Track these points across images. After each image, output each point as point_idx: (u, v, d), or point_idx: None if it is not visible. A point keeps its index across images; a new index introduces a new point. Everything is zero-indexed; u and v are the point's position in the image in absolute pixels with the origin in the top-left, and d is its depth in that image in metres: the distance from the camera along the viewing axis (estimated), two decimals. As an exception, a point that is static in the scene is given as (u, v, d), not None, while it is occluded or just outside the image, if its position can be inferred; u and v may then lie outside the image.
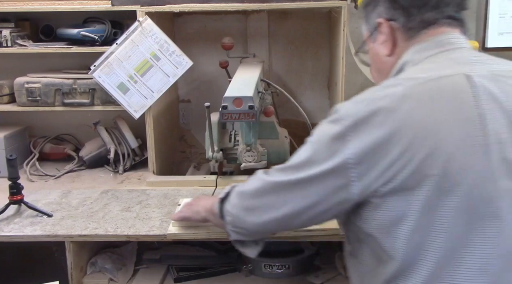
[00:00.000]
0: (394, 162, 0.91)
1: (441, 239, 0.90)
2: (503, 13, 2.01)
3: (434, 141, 0.90)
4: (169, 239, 1.44)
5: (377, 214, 0.95)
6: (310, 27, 2.21)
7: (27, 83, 1.96)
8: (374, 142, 0.92)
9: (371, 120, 0.93)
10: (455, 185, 0.90)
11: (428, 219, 0.91)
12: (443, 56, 1.02)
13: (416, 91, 0.94)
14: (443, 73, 0.97)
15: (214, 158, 1.82)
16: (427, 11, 1.04)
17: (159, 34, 1.86)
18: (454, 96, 0.94)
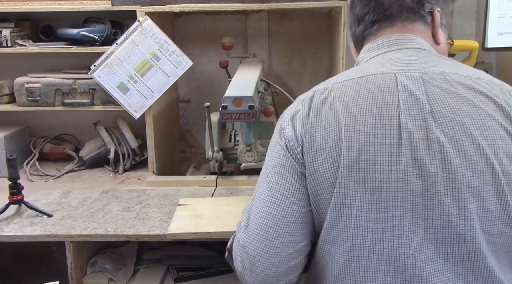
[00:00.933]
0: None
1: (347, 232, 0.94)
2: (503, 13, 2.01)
3: (347, 133, 0.93)
4: (169, 239, 1.44)
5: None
6: (310, 27, 2.21)
7: (27, 83, 1.96)
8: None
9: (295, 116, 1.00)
10: (363, 179, 0.91)
11: (339, 212, 0.94)
12: (385, 56, 1.04)
13: (339, 88, 0.99)
14: (374, 71, 0.99)
15: (214, 158, 1.82)
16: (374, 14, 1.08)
17: (159, 34, 1.86)
18: (376, 94, 0.95)
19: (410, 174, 0.90)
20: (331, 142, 0.94)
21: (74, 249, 1.50)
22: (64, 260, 1.50)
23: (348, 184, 0.92)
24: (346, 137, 0.93)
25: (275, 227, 0.99)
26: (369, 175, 0.91)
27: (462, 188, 0.89)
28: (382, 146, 0.91)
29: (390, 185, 0.91)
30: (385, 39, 1.07)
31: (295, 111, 1.01)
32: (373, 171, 0.91)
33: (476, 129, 0.91)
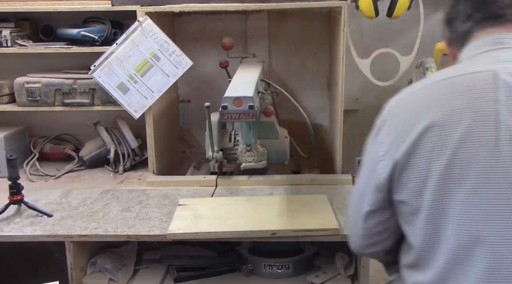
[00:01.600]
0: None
1: (451, 230, 0.94)
2: (503, 13, 2.01)
3: (444, 131, 0.94)
4: (169, 239, 1.44)
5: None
6: (310, 27, 2.21)
7: (27, 83, 1.96)
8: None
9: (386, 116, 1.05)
10: (462, 176, 0.93)
11: (439, 209, 0.95)
12: (488, 54, 1.04)
13: (436, 86, 1.00)
14: (473, 69, 1.00)
15: (214, 158, 1.82)
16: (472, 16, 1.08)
17: (159, 34, 1.86)
18: (473, 91, 0.96)
19: (511, 168, 0.92)
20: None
21: (74, 249, 1.50)
22: (64, 260, 1.50)
23: (446, 182, 0.94)
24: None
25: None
26: (468, 173, 0.93)
27: None
28: (481, 142, 0.93)
29: (492, 182, 0.92)
30: (493, 37, 1.06)
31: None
32: (472, 169, 0.93)
33: None
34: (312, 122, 2.02)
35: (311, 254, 1.64)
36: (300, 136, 2.10)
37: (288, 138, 1.95)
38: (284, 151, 1.89)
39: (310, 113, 2.14)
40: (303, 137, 2.07)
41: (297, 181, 1.85)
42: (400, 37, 2.15)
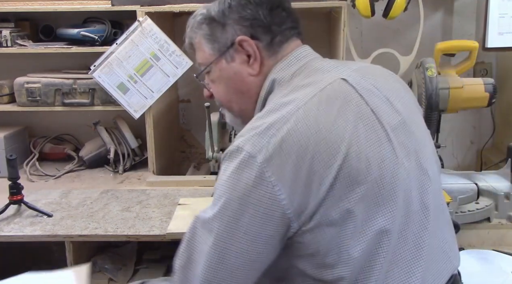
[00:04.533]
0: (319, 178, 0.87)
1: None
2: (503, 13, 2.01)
3: (344, 145, 0.88)
4: (168, 239, 1.44)
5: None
6: (310, 27, 2.20)
7: (27, 83, 1.96)
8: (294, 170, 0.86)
9: (283, 149, 0.87)
10: (365, 178, 0.89)
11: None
12: (307, 69, 1.02)
13: (311, 105, 0.91)
14: (319, 85, 0.95)
15: (214, 158, 1.82)
16: (286, 28, 1.06)
17: (159, 34, 1.86)
18: (345, 100, 0.93)
19: (403, 157, 0.94)
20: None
21: (74, 249, 1.50)
22: (64, 260, 1.50)
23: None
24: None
25: None
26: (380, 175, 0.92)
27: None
28: (379, 142, 0.93)
29: (394, 174, 0.93)
30: (303, 49, 1.11)
31: None
32: (383, 170, 0.92)
33: None
34: (312, 122, 2.02)
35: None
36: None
37: (288, 138, 1.94)
38: (284, 151, 1.89)
39: (310, 113, 2.14)
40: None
41: (297, 181, 1.85)
42: (400, 37, 2.15)
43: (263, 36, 1.03)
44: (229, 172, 0.88)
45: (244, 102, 1.07)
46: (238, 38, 1.03)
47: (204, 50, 1.10)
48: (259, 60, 1.03)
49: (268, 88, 1.03)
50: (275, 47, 1.04)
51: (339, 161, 0.87)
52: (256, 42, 1.03)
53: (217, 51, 1.06)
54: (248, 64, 1.04)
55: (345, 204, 0.87)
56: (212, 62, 1.08)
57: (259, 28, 1.03)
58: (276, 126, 0.89)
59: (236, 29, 1.04)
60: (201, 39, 1.11)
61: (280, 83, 1.01)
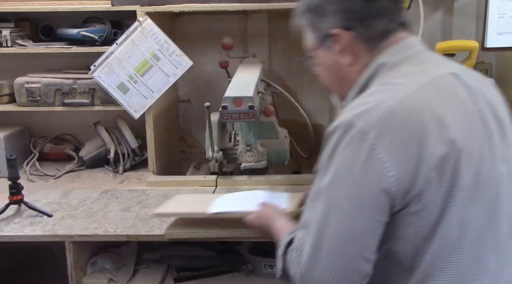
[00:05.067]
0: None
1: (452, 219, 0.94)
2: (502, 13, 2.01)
3: (453, 134, 0.93)
4: (167, 239, 1.44)
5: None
6: (310, 27, 2.20)
7: (27, 83, 1.96)
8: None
9: (395, 127, 0.92)
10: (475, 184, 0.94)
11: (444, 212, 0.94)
12: (417, 58, 1.05)
13: (422, 91, 0.96)
14: (431, 75, 1.00)
15: (214, 158, 1.82)
16: (383, 19, 1.06)
17: (159, 34, 1.86)
18: (454, 93, 0.98)
19: (499, 161, 0.99)
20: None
21: (74, 249, 1.50)
22: (64, 260, 1.50)
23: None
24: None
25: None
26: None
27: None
28: (481, 141, 0.98)
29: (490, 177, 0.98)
30: (410, 40, 1.10)
31: None
32: (479, 169, 0.96)
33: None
34: (312, 122, 2.02)
35: (311, 254, 1.64)
36: (300, 136, 2.10)
37: (288, 138, 1.94)
38: (284, 151, 1.89)
39: (310, 113, 2.14)
40: (303, 137, 2.07)
41: (297, 181, 1.85)
42: (400, 37, 2.14)
43: (358, 28, 1.05)
44: (341, 146, 0.94)
45: (343, 89, 1.12)
46: (333, 30, 1.06)
47: (307, 37, 1.15)
48: (353, 51, 1.07)
49: (372, 72, 1.05)
50: (372, 38, 1.06)
51: (447, 147, 0.92)
52: (351, 34, 1.05)
53: (318, 39, 1.11)
54: (343, 55, 1.08)
55: (449, 190, 0.92)
56: (314, 50, 1.14)
57: (354, 20, 1.05)
58: (388, 103, 0.94)
59: (334, 20, 1.06)
60: (305, 26, 1.14)
61: (387, 67, 1.04)
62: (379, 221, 0.94)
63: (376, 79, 1.04)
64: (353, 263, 0.95)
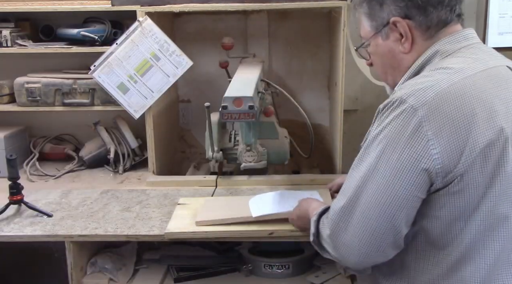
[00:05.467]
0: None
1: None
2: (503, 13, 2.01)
3: (502, 122, 0.97)
4: (167, 238, 1.44)
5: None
6: (310, 27, 2.21)
7: (27, 83, 1.96)
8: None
9: (445, 107, 0.96)
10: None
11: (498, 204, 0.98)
12: (475, 49, 1.08)
13: (479, 77, 1.00)
14: (487, 64, 1.03)
15: (214, 158, 1.82)
16: (442, 9, 1.08)
17: (159, 34, 1.86)
18: (506, 85, 1.02)
19: None
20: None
21: (74, 249, 1.50)
22: (64, 260, 1.50)
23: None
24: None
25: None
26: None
27: None
28: None
29: None
30: (467, 32, 1.13)
31: None
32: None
33: None
34: (312, 122, 2.02)
35: (311, 254, 1.64)
36: (300, 136, 2.10)
37: (288, 138, 1.95)
38: (284, 151, 1.89)
39: (310, 113, 2.14)
40: (303, 137, 2.07)
41: (297, 181, 1.85)
42: (400, 37, 2.14)
43: (417, 17, 1.08)
44: (389, 119, 0.98)
45: (396, 76, 1.15)
46: (392, 18, 1.09)
47: (364, 26, 1.18)
48: (410, 39, 1.09)
49: (428, 57, 1.08)
50: (430, 27, 1.09)
51: (495, 134, 0.95)
52: (409, 22, 1.09)
53: (375, 28, 1.14)
54: (401, 43, 1.11)
55: (492, 176, 0.96)
56: (370, 38, 1.16)
57: (414, 8, 1.08)
58: (442, 84, 0.98)
59: (392, 9, 1.10)
60: (362, 15, 1.18)
61: (442, 55, 1.07)
62: (415, 196, 0.97)
63: (429, 66, 1.07)
64: (384, 231, 0.98)
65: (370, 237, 1.00)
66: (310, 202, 1.31)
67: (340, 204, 1.04)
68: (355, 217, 1.01)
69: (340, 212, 1.03)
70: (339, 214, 1.04)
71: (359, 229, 1.00)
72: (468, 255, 1.00)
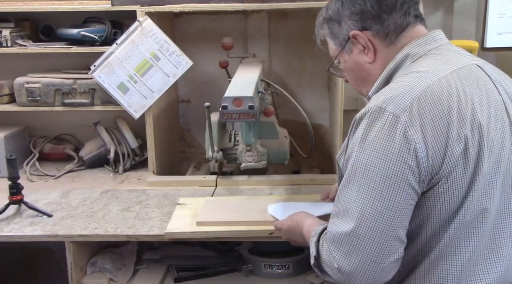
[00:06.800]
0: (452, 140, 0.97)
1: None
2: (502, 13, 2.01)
3: (479, 119, 0.99)
4: (167, 238, 1.44)
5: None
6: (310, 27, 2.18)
7: (27, 83, 1.96)
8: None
9: (425, 110, 0.97)
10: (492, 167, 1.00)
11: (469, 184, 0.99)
12: (445, 50, 1.09)
13: (450, 77, 1.01)
14: (458, 64, 1.05)
15: (214, 158, 1.82)
16: (396, 14, 1.10)
17: (159, 34, 1.86)
18: (480, 83, 1.03)
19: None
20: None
21: (74, 249, 1.50)
22: (64, 260, 1.50)
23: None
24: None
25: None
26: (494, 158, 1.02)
27: None
28: (503, 129, 1.03)
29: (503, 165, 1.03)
30: (433, 34, 1.14)
31: None
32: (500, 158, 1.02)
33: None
34: (312, 122, 2.02)
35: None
36: (300, 136, 2.11)
37: (288, 138, 1.95)
38: (284, 151, 1.89)
39: (310, 113, 2.14)
40: (303, 137, 2.07)
41: (297, 181, 1.85)
42: (400, 37, 2.14)
43: (373, 26, 1.11)
44: (373, 130, 0.98)
45: (368, 85, 1.16)
46: (351, 32, 1.13)
47: (330, 45, 1.23)
48: (372, 49, 1.12)
49: (398, 61, 1.10)
50: (388, 33, 1.11)
51: (473, 130, 0.97)
52: (367, 33, 1.12)
53: (339, 45, 1.19)
54: (365, 53, 1.14)
55: (473, 174, 0.97)
56: (337, 56, 1.21)
57: (368, 19, 1.11)
58: (418, 88, 0.99)
59: (349, 24, 1.13)
60: (326, 36, 1.23)
61: (412, 58, 1.09)
62: (413, 200, 0.98)
63: (400, 70, 1.09)
64: (390, 245, 0.98)
65: (378, 256, 0.98)
66: (305, 216, 1.28)
67: (344, 229, 1.00)
68: (361, 238, 0.98)
69: (346, 237, 0.99)
70: (345, 239, 1.00)
71: (366, 250, 0.98)
72: (445, 252, 1.00)
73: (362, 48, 1.13)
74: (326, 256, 1.04)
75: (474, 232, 1.00)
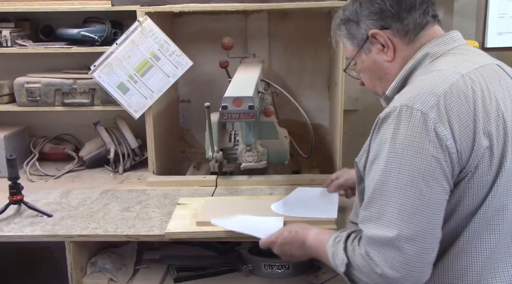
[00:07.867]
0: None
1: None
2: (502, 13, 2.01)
3: (499, 116, 1.01)
4: (167, 238, 1.44)
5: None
6: (310, 27, 2.21)
7: (27, 83, 1.96)
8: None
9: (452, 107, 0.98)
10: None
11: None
12: (464, 49, 1.11)
13: (474, 75, 1.02)
14: (479, 63, 1.06)
15: (214, 158, 1.82)
16: (415, 13, 1.11)
17: (159, 34, 1.86)
18: (500, 81, 1.05)
19: None
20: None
21: (74, 249, 1.50)
22: (64, 260, 1.50)
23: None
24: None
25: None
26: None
27: None
28: None
29: None
30: (451, 34, 1.15)
31: None
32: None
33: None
34: (312, 122, 2.02)
35: (311, 254, 1.64)
36: (300, 136, 2.10)
37: (288, 138, 1.95)
38: (284, 151, 1.89)
39: (310, 113, 2.14)
40: (303, 137, 2.07)
41: (297, 181, 1.85)
42: (400, 37, 2.14)
43: (393, 25, 1.12)
44: (403, 130, 0.98)
45: (385, 85, 1.17)
46: (370, 32, 1.13)
47: (346, 47, 1.23)
48: (392, 47, 1.13)
49: (418, 60, 1.11)
50: (408, 32, 1.12)
51: (498, 129, 0.99)
52: (387, 32, 1.12)
53: (357, 46, 1.19)
54: (384, 52, 1.14)
55: (497, 171, 0.99)
56: (354, 56, 1.20)
57: (388, 18, 1.12)
58: (443, 86, 1.00)
59: (368, 23, 1.14)
60: (342, 38, 1.23)
61: (433, 56, 1.10)
62: (447, 195, 0.99)
63: (419, 69, 1.09)
64: (431, 243, 0.98)
65: (422, 256, 0.98)
66: (305, 227, 1.24)
67: (384, 233, 0.98)
68: (407, 241, 0.97)
69: (390, 241, 0.98)
70: (389, 243, 0.98)
71: (415, 252, 0.97)
72: (466, 247, 1.01)
73: (381, 47, 1.14)
74: (362, 262, 1.01)
75: (494, 228, 1.01)
